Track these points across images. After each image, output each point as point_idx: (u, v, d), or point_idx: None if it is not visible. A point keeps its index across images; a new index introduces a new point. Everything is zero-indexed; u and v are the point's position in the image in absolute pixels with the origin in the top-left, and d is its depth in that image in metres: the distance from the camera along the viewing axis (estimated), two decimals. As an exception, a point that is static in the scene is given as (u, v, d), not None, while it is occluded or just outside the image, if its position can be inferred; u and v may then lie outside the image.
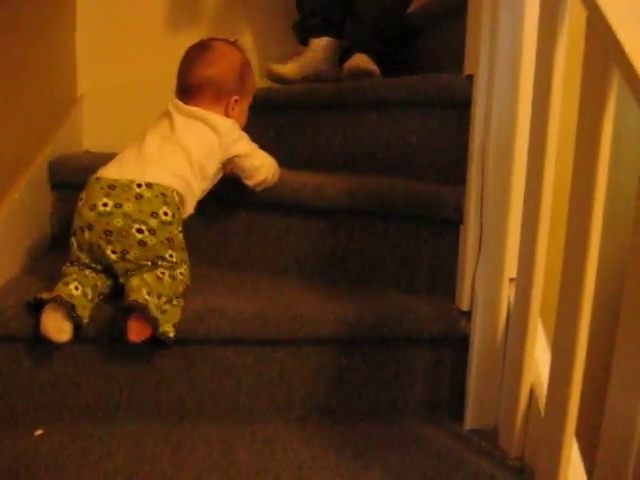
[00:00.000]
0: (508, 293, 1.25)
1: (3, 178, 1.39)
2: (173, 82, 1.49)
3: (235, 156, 1.34)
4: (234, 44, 1.41)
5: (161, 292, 1.18)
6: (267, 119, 1.72)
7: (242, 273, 1.45)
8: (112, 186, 1.19)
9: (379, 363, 1.30)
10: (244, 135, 1.37)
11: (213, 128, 1.31)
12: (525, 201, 1.14)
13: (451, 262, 1.33)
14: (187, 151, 1.26)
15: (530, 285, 1.13)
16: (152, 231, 1.18)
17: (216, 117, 1.33)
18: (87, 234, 1.18)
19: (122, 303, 1.16)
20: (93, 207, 1.18)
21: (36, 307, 1.16)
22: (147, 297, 1.14)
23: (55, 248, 1.62)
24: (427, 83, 1.39)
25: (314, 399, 1.29)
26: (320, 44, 1.92)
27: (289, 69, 1.86)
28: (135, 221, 1.17)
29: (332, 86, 1.64)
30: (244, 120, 1.42)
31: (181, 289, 1.24)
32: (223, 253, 1.48)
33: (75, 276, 1.19)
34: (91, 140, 2.02)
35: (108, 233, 1.17)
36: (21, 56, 1.49)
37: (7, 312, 1.19)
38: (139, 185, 1.19)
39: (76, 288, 1.16)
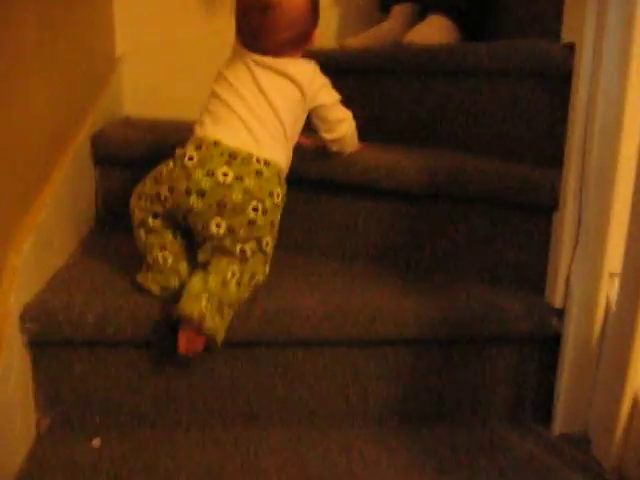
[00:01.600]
0: (607, 290, 1.12)
1: (44, 157, 1.27)
2: (215, 41, 1.43)
3: (319, 105, 1.22)
4: None
5: (223, 299, 1.07)
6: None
7: (307, 259, 1.34)
8: (234, 155, 1.09)
9: (461, 363, 1.19)
10: (327, 83, 1.24)
11: (295, 81, 1.18)
12: (635, 187, 1.00)
13: (541, 253, 1.21)
14: (280, 118, 1.16)
15: (638, 282, 1.01)
16: (265, 211, 1.10)
17: (296, 67, 1.19)
18: (194, 200, 1.08)
19: (175, 308, 1.05)
20: (211, 173, 1.08)
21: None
22: (204, 307, 1.04)
23: (101, 229, 1.51)
24: (518, 50, 1.24)
25: (392, 403, 1.19)
26: (403, 11, 1.74)
27: (361, 40, 1.68)
28: (254, 198, 1.08)
29: (402, 49, 1.49)
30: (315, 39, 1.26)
31: (246, 295, 1.13)
32: (286, 236, 1.34)
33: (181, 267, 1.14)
34: (131, 105, 1.88)
35: (222, 205, 1.07)
36: (57, 17, 1.35)
37: (59, 314, 1.08)
38: (258, 160, 1.10)
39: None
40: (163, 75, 1.89)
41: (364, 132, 1.33)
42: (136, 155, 1.47)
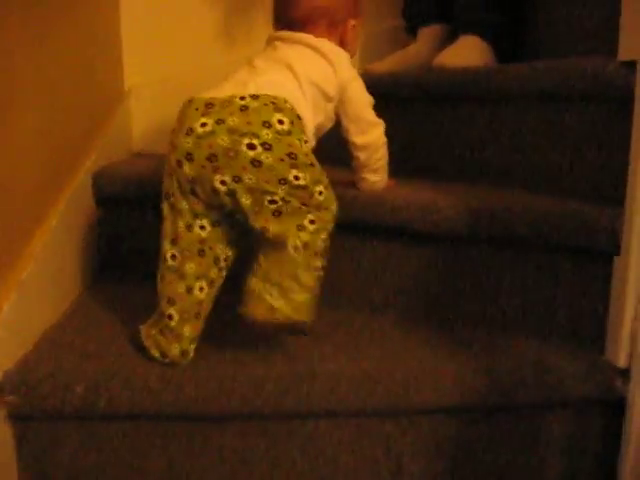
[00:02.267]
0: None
1: (35, 201, 1.13)
2: (230, 71, 1.22)
3: (351, 98, 1.09)
4: None
5: (284, 278, 0.95)
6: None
7: (331, 312, 1.18)
8: (209, 104, 0.95)
9: (509, 433, 1.03)
10: (361, 80, 1.12)
11: (325, 57, 1.07)
12: None
13: (599, 304, 1.05)
14: (295, 72, 1.03)
15: None
16: (266, 145, 0.92)
17: (330, 45, 1.08)
18: (187, 167, 0.95)
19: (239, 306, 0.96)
20: (190, 131, 0.94)
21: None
22: (273, 303, 0.94)
23: (104, 278, 1.37)
24: (567, 71, 1.08)
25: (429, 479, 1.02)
26: (431, 33, 1.59)
27: (386, 65, 1.54)
28: (244, 135, 0.92)
29: (431, 74, 1.33)
30: (357, 48, 1.17)
31: (323, 258, 0.98)
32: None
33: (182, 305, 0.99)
34: (143, 140, 1.75)
35: (213, 158, 0.93)
36: (59, 48, 1.23)
37: (43, 385, 0.94)
38: (242, 98, 0.95)
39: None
40: (177, 108, 1.75)
41: (393, 166, 1.18)
42: (143, 193, 1.33)
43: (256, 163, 0.92)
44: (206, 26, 1.75)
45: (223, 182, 0.93)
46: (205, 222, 0.98)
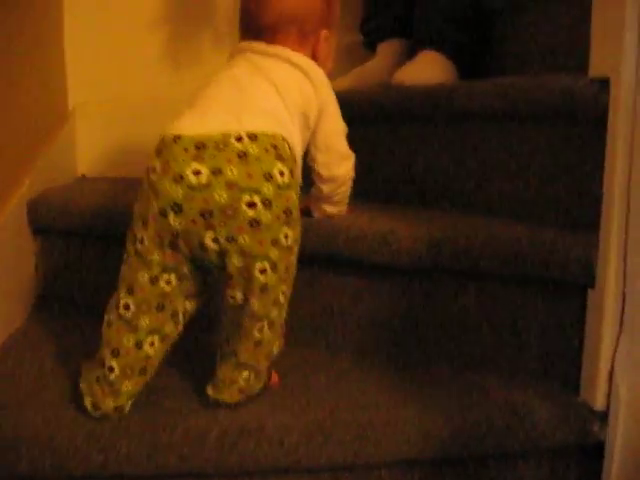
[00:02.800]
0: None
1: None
2: (179, 91, 1.16)
3: (323, 124, 0.98)
4: None
5: (258, 359, 0.90)
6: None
7: (285, 348, 1.08)
8: (201, 144, 0.81)
9: (479, 485, 0.93)
10: (337, 105, 1.01)
11: (307, 74, 0.96)
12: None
13: (574, 340, 0.97)
14: (279, 90, 0.91)
15: None
16: (267, 202, 0.80)
17: (309, 60, 0.98)
18: (173, 219, 0.81)
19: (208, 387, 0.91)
20: (180, 178, 0.80)
21: None
22: (244, 384, 0.90)
23: (41, 314, 1.26)
24: (535, 89, 1.00)
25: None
26: (390, 49, 1.50)
27: (347, 82, 1.45)
28: (244, 191, 0.80)
29: (392, 92, 1.25)
30: (331, 64, 1.04)
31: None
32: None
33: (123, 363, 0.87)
34: (88, 163, 1.65)
35: (207, 214, 0.80)
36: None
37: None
38: (239, 138, 0.82)
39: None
40: (125, 128, 1.66)
41: (353, 193, 1.09)
42: (84, 222, 1.23)
43: (254, 223, 0.81)
44: (153, 45, 1.67)
45: (216, 240, 0.82)
46: (172, 277, 0.86)
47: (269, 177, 0.81)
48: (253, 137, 0.82)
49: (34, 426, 0.86)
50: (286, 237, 0.83)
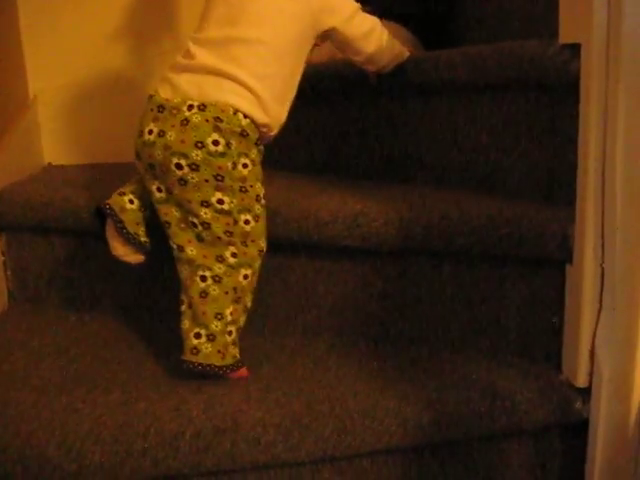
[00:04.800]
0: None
1: None
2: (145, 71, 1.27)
3: (332, 27, 0.97)
4: None
5: (207, 316, 0.92)
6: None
7: (259, 336, 1.06)
8: (161, 108, 0.92)
9: (462, 470, 0.93)
10: None
11: None
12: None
13: (554, 317, 0.94)
14: (271, 30, 0.93)
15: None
16: (194, 166, 0.89)
17: None
18: (137, 163, 0.95)
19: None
20: (140, 134, 0.93)
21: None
22: (196, 344, 0.92)
23: (14, 316, 1.22)
24: (504, 57, 0.96)
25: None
26: None
27: (325, 54, 1.39)
28: (174, 154, 0.90)
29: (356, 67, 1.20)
30: None
31: (248, 293, 0.95)
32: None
33: (132, 187, 0.99)
34: (55, 151, 1.60)
35: (151, 167, 0.92)
36: None
37: None
38: (190, 107, 0.90)
39: (130, 201, 0.98)
40: (89, 113, 1.61)
41: (320, 166, 1.05)
42: (52, 216, 1.19)
43: (182, 182, 0.90)
44: (113, 25, 1.60)
45: (159, 189, 0.93)
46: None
47: (200, 145, 0.89)
48: (202, 107, 0.90)
49: (4, 440, 0.83)
50: (220, 201, 0.90)
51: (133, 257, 1.00)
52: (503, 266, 0.96)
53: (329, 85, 1.22)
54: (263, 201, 0.94)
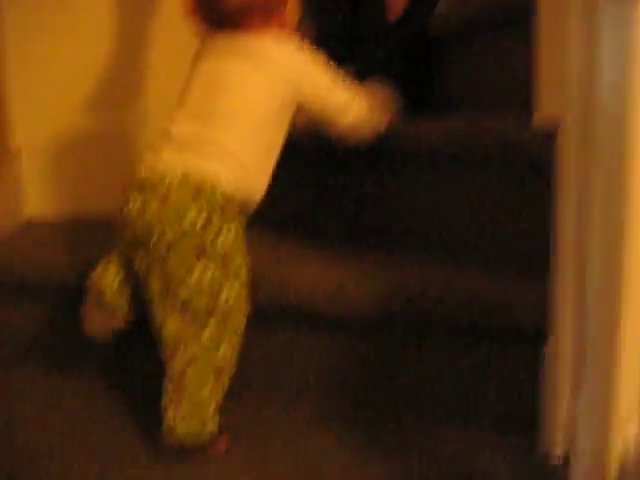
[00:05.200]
0: (625, 437, 0.86)
1: None
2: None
3: (308, 97, 0.99)
4: None
5: (198, 389, 0.92)
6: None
7: (238, 405, 1.06)
8: (143, 183, 0.93)
9: None
10: (314, 61, 1.00)
11: (268, 62, 0.97)
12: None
13: (531, 389, 0.95)
14: (247, 106, 0.95)
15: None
16: (169, 244, 0.90)
17: (267, 46, 0.98)
18: (120, 236, 0.96)
19: None
20: (123, 208, 0.94)
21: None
22: (172, 423, 0.92)
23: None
24: (479, 135, 0.99)
25: None
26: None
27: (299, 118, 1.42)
28: (154, 229, 0.90)
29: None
30: (296, 17, 1.03)
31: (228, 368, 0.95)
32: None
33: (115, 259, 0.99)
34: (37, 204, 1.60)
35: (133, 243, 0.93)
36: None
37: None
38: (171, 182, 0.91)
39: (113, 274, 0.98)
40: (75, 167, 1.62)
41: (302, 230, 1.13)
42: (28, 280, 1.19)
43: (163, 256, 0.90)
44: (94, 80, 1.61)
45: (141, 262, 0.93)
46: None
47: (181, 220, 0.89)
48: (183, 182, 0.90)
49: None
50: (201, 276, 0.90)
51: (106, 331, 1.01)
52: (481, 340, 0.97)
53: (311, 150, 1.24)
54: (244, 274, 0.94)
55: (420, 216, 1.12)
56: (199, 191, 0.90)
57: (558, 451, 0.91)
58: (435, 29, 1.36)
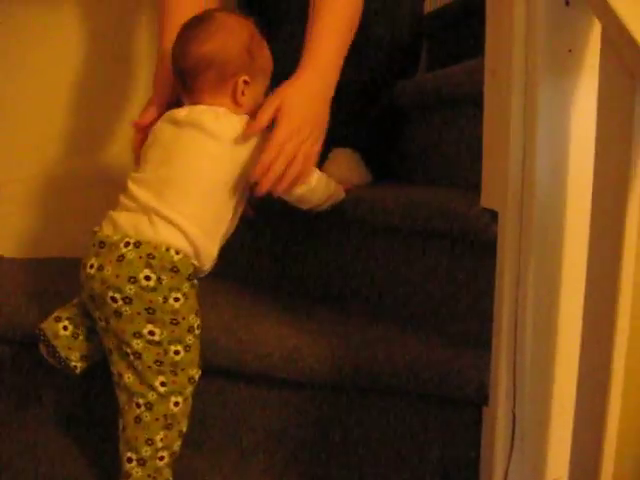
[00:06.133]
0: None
1: None
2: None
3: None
4: (241, 14, 1.11)
5: (139, 441, 0.97)
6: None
7: (197, 454, 1.11)
8: (102, 243, 0.99)
9: None
10: (260, 141, 1.04)
11: (214, 137, 1.01)
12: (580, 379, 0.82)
13: (471, 452, 1.01)
14: (196, 176, 1.01)
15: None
16: (127, 300, 0.95)
17: (216, 120, 1.02)
18: (81, 293, 1.03)
19: None
20: (83, 267, 1.00)
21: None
22: (130, 470, 0.97)
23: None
24: (431, 209, 1.04)
25: None
26: None
27: None
28: (109, 287, 0.96)
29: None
30: (255, 110, 1.06)
31: (181, 419, 1.00)
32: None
33: (68, 312, 1.05)
34: (5, 243, 1.64)
35: (92, 298, 0.99)
36: None
37: None
38: (127, 244, 0.97)
39: (65, 328, 1.03)
40: (45, 209, 1.66)
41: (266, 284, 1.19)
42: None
43: (117, 314, 0.96)
44: (69, 123, 1.66)
45: (100, 319, 0.98)
46: None
47: (133, 280, 0.95)
48: (137, 244, 0.96)
49: None
50: (151, 333, 0.96)
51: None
52: (427, 403, 1.02)
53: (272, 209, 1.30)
54: (197, 331, 1.00)
55: (374, 281, 1.17)
56: (151, 254, 0.95)
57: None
58: (403, 97, 1.42)
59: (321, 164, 1.34)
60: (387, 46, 1.41)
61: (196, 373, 1.00)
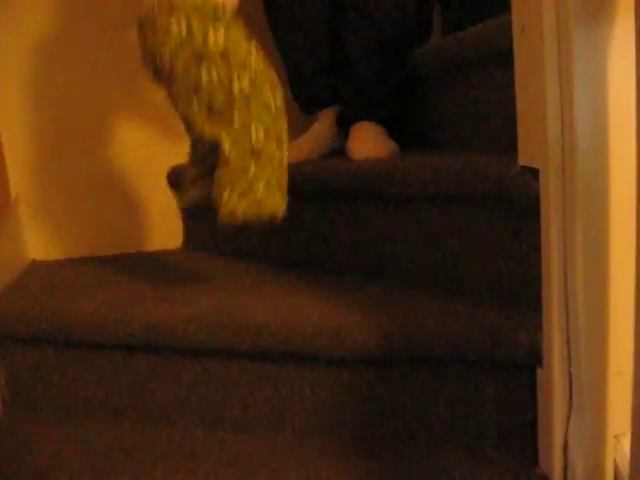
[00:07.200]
0: (614, 455, 0.93)
1: None
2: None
3: None
4: None
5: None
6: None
7: (248, 439, 1.10)
8: (140, 25, 1.03)
9: None
10: None
11: None
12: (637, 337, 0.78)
13: (528, 415, 1.01)
14: None
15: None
16: (172, 57, 0.99)
17: None
18: None
19: None
20: None
21: None
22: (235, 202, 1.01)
23: (6, 424, 1.25)
24: (467, 173, 1.03)
25: None
26: (329, 115, 1.49)
27: (295, 153, 1.40)
28: (156, 55, 1.00)
29: (341, 176, 1.26)
30: None
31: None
32: (221, 414, 1.12)
33: None
34: (41, 248, 1.64)
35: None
36: None
37: None
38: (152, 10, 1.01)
39: None
40: (70, 213, 1.66)
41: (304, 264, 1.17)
42: (41, 329, 1.22)
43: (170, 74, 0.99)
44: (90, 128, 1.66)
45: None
46: None
47: (169, 36, 0.97)
48: (159, 3, 0.99)
49: None
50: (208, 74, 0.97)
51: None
52: (479, 369, 1.01)
53: (309, 187, 1.29)
54: (254, 63, 1.01)
55: (415, 251, 1.16)
56: (172, 6, 0.97)
57: (557, 471, 0.96)
58: (424, 62, 1.41)
59: (344, 141, 1.33)
60: (397, 13, 1.38)
61: (270, 93, 1.02)
